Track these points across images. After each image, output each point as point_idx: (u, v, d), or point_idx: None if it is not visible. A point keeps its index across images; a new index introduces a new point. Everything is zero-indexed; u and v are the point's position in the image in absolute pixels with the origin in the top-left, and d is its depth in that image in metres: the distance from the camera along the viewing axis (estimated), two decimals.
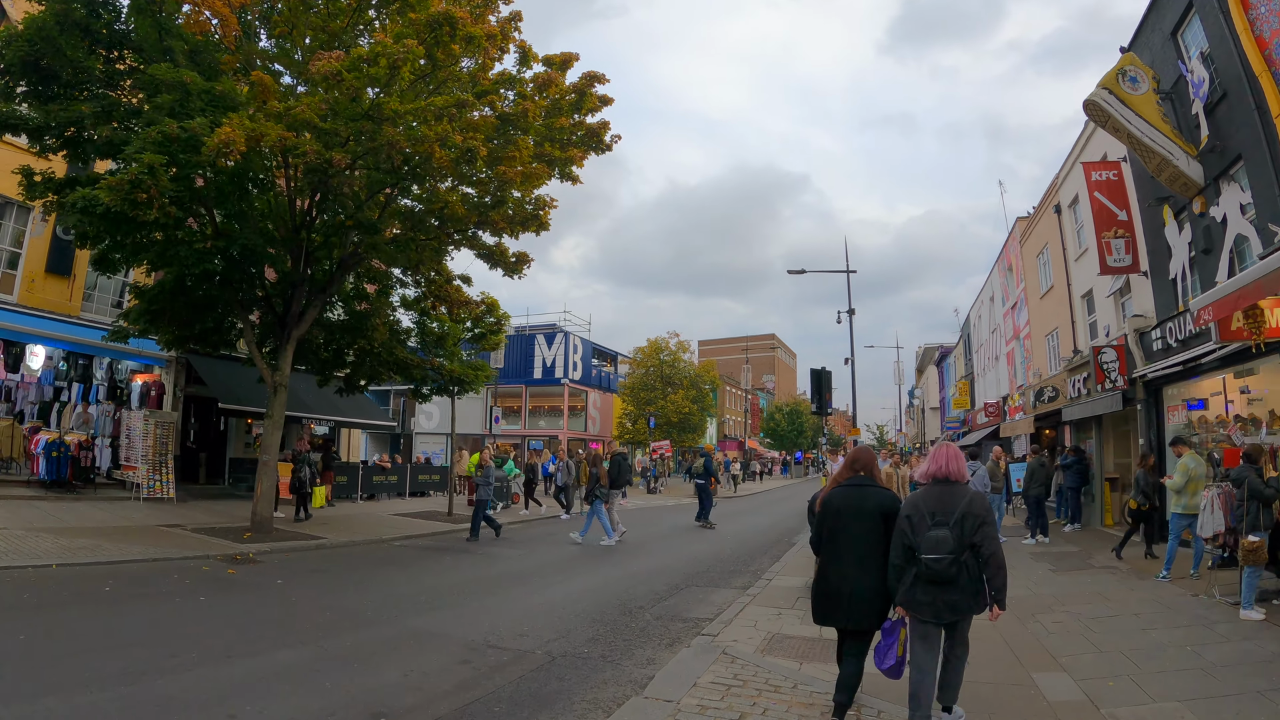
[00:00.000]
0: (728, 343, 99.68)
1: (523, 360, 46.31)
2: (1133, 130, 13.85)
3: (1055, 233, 23.38)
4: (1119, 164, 17.12)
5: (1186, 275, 14.72)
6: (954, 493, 5.13)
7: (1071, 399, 21.07)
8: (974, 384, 40.48)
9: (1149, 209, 15.93)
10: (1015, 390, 29.88)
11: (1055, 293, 24.06)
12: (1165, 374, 14.77)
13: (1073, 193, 21.53)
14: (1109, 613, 9.45)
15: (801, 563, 13.13)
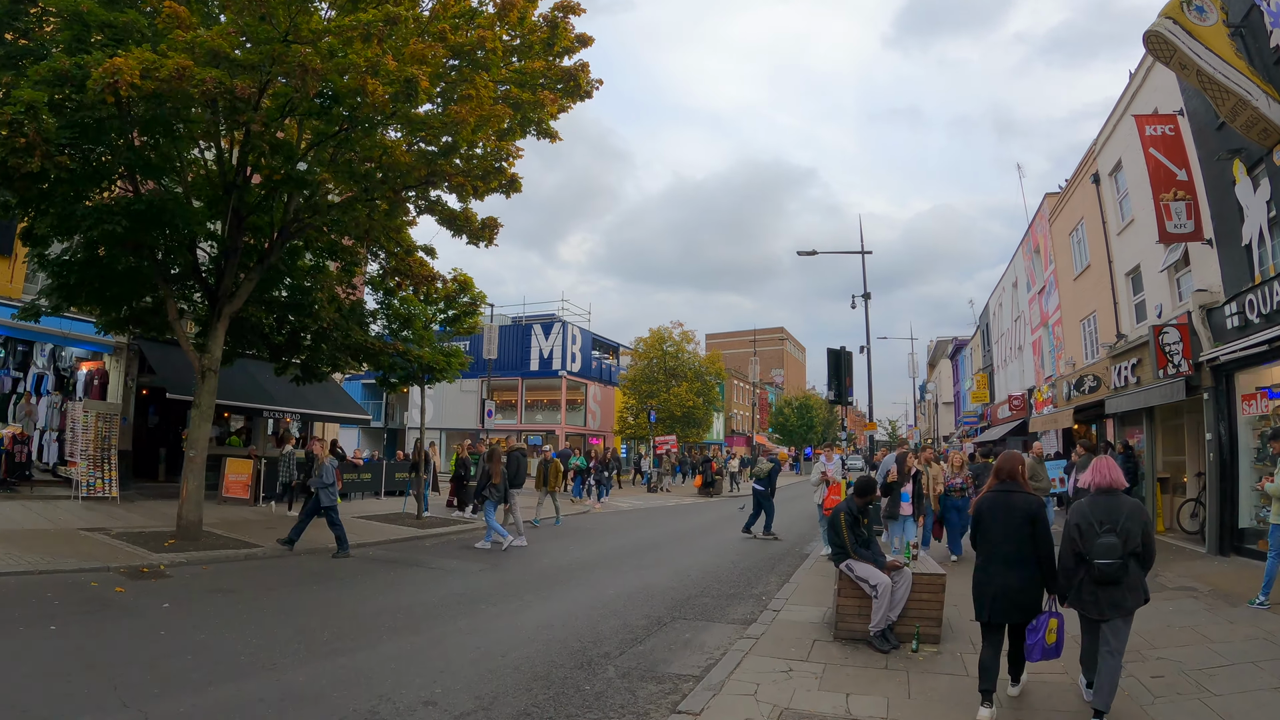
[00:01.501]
0: (735, 336, 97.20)
1: (519, 351, 44.26)
2: (1203, 66, 11.66)
3: (1093, 205, 21.18)
4: (1175, 117, 14.95)
5: (1266, 239, 12.56)
6: (1118, 502, 5.56)
7: (1116, 389, 18.91)
8: (993, 376, 38.27)
9: (1216, 164, 13.76)
10: (1044, 381, 27.69)
11: (1093, 272, 21.85)
12: (1243, 355, 12.57)
13: (1114, 158, 19.36)
14: (1219, 659, 7.31)
15: (817, 585, 11.17)
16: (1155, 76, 16.16)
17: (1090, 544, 5.43)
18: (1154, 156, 14.82)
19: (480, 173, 13.44)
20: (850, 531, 8.11)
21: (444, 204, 15.11)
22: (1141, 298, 18.60)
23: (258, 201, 13.86)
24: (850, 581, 8.10)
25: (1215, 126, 13.71)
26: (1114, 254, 20.08)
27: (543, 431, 43.52)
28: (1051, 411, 25.25)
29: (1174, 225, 14.55)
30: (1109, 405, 19.21)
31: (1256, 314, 12.17)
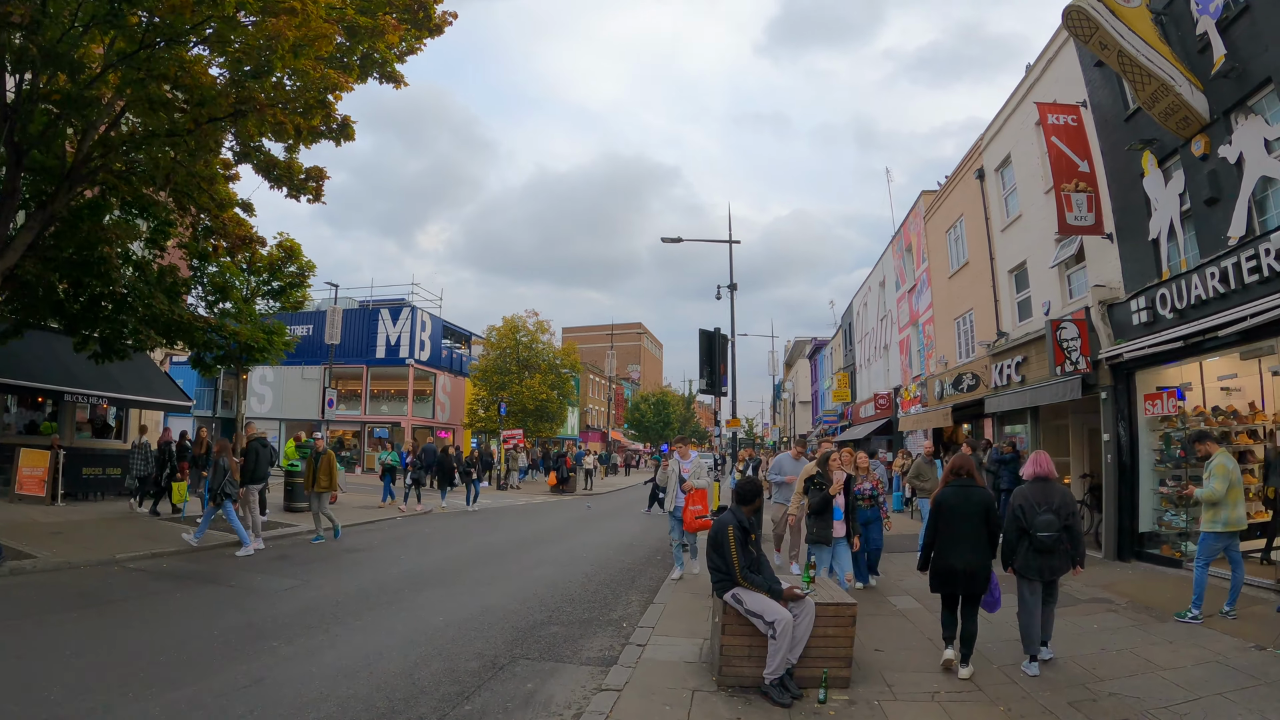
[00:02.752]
0: (592, 330, 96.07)
1: (365, 337, 41.45)
2: (1126, 46, 11.40)
3: (975, 202, 21.22)
4: (1078, 108, 14.76)
5: (1177, 232, 12.41)
6: (1053, 487, 7.24)
7: (997, 387, 18.91)
8: (855, 376, 38.77)
9: (1123, 156, 13.67)
10: (911, 380, 27.87)
11: (972, 269, 21.93)
12: (1153, 353, 12.36)
13: (1003, 153, 19.38)
14: (1181, 693, 6.54)
15: (688, 606, 9.69)
16: (1056, 69, 16.06)
17: (1032, 520, 7.04)
18: (1056, 145, 14.60)
19: (302, 107, 11.60)
20: (740, 551, 6.58)
21: (265, 151, 13.16)
22: (1026, 295, 18.61)
23: (41, 132, 11.46)
24: (738, 616, 6.56)
25: (1123, 118, 13.61)
26: (996, 251, 20.10)
27: (388, 423, 40.95)
28: (921, 411, 25.34)
29: (1074, 217, 14.34)
30: (989, 404, 19.19)
31: (1170, 309, 11.99)
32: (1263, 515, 11.99)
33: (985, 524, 6.98)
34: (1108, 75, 13.88)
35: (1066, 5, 11.85)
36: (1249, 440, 12.38)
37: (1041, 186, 17.05)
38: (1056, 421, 17.56)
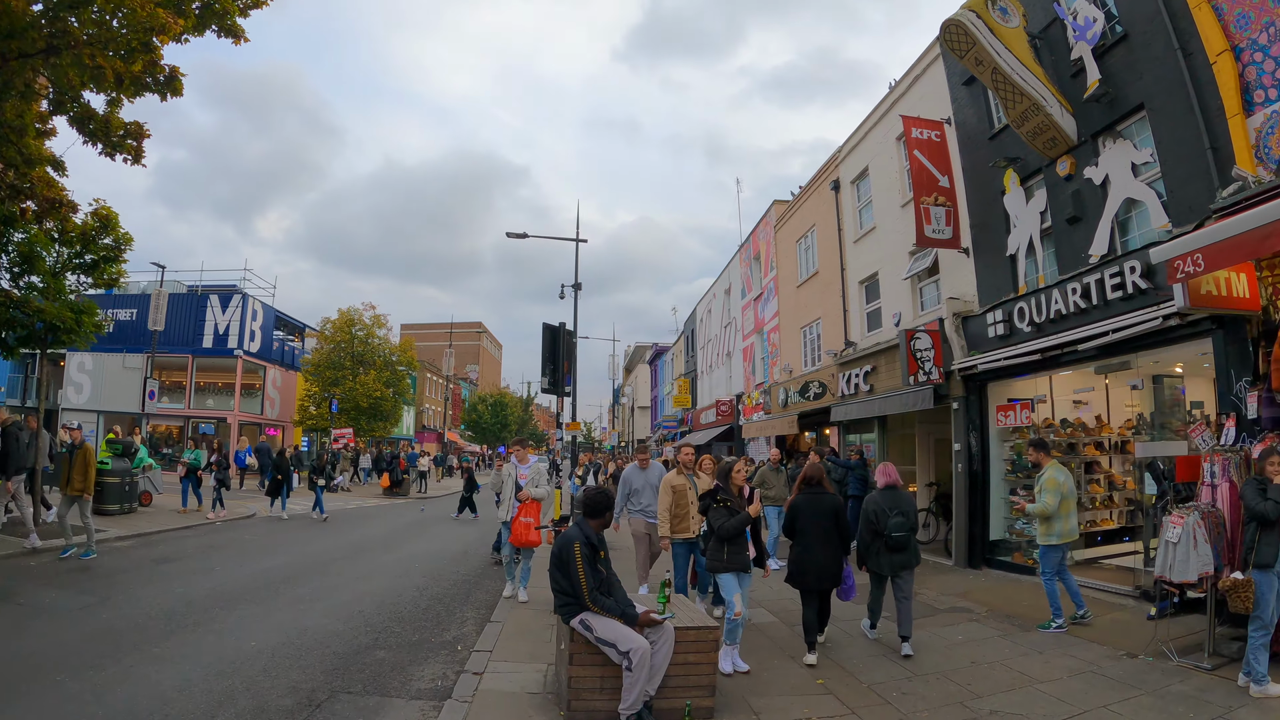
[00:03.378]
0: (431, 328, 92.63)
1: (192, 325, 37.75)
2: (1001, 64, 11.70)
3: (829, 213, 21.60)
4: (942, 124, 15.15)
5: (1036, 249, 12.86)
6: (900, 494, 8.41)
7: (844, 396, 19.20)
8: (696, 382, 39.10)
9: (984, 172, 14.11)
10: (754, 388, 28.19)
11: (821, 279, 22.32)
12: (1007, 365, 12.74)
13: (860, 166, 19.77)
14: (1066, 708, 6.48)
15: (528, 624, 8.93)
16: (921, 85, 16.47)
17: (885, 523, 8.09)
18: (918, 159, 14.91)
19: (123, 49, 10.25)
20: (588, 571, 5.86)
21: (83, 102, 11.63)
22: (877, 305, 19.01)
23: None
24: (588, 644, 5.86)
25: (988, 136, 14.01)
26: (848, 261, 20.49)
27: (214, 418, 37.62)
28: (765, 418, 25.64)
29: (932, 230, 14.67)
30: (836, 412, 19.49)
31: (1028, 323, 12.36)
32: (1109, 523, 12.59)
33: (836, 526, 7.88)
34: (975, 94, 14.30)
35: (946, 19, 12.08)
36: (1095, 451, 12.97)
37: (898, 200, 17.45)
38: (903, 430, 18.00)
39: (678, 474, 9.35)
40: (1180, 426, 11.10)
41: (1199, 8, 9.39)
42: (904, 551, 8.08)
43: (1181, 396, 11.72)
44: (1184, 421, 11.32)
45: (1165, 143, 10.21)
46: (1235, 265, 8.02)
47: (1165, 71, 10.08)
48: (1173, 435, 11.03)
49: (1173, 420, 11.40)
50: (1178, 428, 11.17)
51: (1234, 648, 7.45)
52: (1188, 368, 11.48)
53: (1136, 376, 11.71)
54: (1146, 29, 10.36)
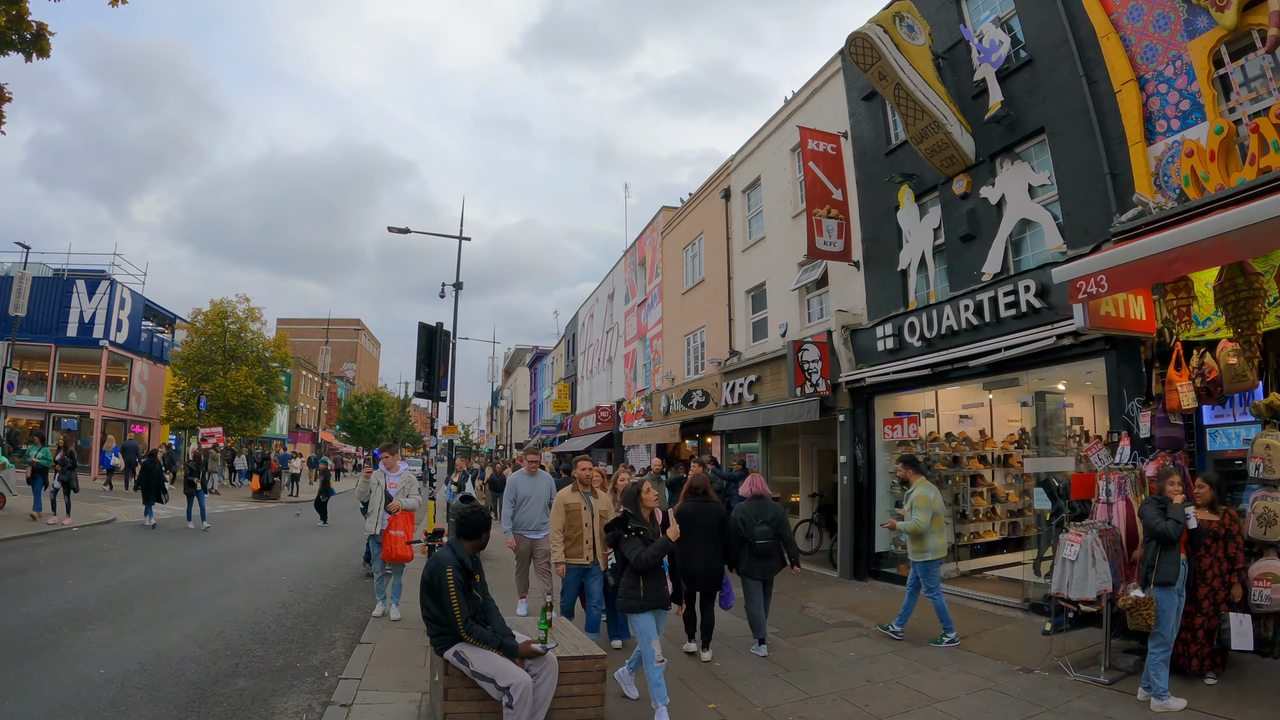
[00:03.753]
0: (308, 323, 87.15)
1: (56, 311, 34.08)
2: (905, 80, 11.74)
3: (718, 222, 21.52)
4: (839, 137, 15.19)
5: (929, 264, 12.99)
6: (766, 504, 8.85)
7: (727, 405, 19.07)
8: (576, 387, 38.58)
9: (879, 187, 14.23)
10: (635, 394, 27.91)
11: (707, 287, 22.22)
12: (900, 379, 12.83)
13: (752, 176, 19.75)
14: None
15: (400, 645, 8.22)
16: (820, 99, 16.52)
17: (751, 530, 8.53)
18: (813, 171, 14.90)
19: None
20: (462, 599, 5.33)
21: None
22: (763, 315, 18.97)
23: None
24: (464, 678, 5.36)
25: (884, 152, 14.14)
26: (736, 270, 20.43)
27: (76, 413, 34.22)
28: (646, 425, 25.36)
29: (824, 242, 14.66)
30: (719, 422, 19.35)
31: (918, 337, 12.45)
32: (992, 534, 12.81)
33: (720, 534, 8.30)
34: (873, 109, 14.41)
35: (853, 32, 12.04)
36: (979, 465, 13.20)
37: (789, 211, 17.46)
38: (786, 441, 17.99)
39: (572, 491, 8.49)
40: (1064, 442, 11.41)
41: (1107, 37, 9.60)
42: (769, 558, 8.61)
43: (1064, 412, 12.03)
44: (1067, 437, 11.67)
45: (1064, 166, 10.42)
46: (1139, 288, 8.17)
47: (1069, 97, 10.29)
48: (1057, 451, 11.26)
49: (1056, 436, 11.66)
50: (1061, 443, 11.48)
51: (1129, 661, 7.56)
52: (1069, 385, 11.79)
53: (1024, 393, 11.95)
54: (1053, 55, 10.58)
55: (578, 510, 8.34)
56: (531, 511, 9.70)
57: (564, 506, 8.34)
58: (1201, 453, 8.38)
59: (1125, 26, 9.50)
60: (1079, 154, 10.12)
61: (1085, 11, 9.92)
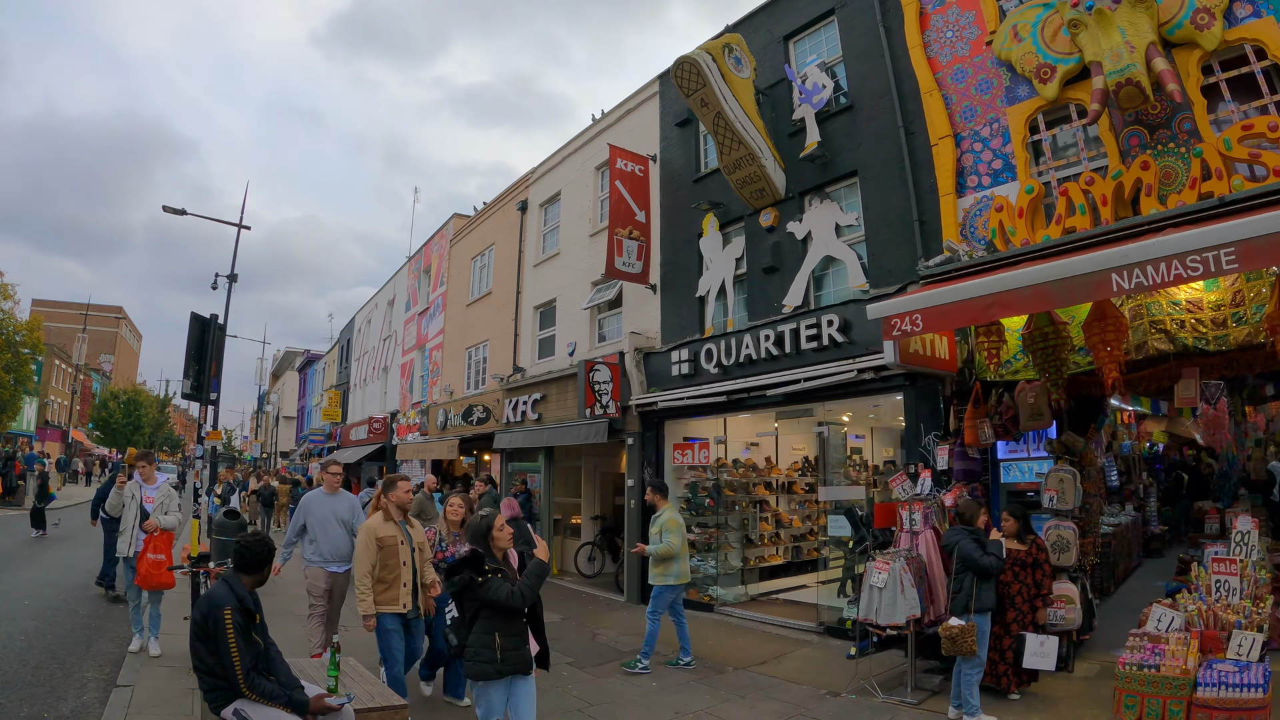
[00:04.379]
0: (64, 307, 74.56)
1: None
2: (727, 110, 11.64)
3: (512, 234, 20.71)
4: (648, 160, 14.90)
5: (727, 294, 12.88)
6: (522, 525, 7.50)
7: (509, 423, 18.25)
8: (348, 395, 36.09)
9: (685, 214, 14.01)
10: (410, 407, 26.41)
11: (494, 300, 21.30)
12: (692, 405, 12.50)
13: (552, 190, 19.11)
14: None
15: (168, 691, 6.80)
16: (632, 120, 16.17)
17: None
18: (619, 190, 14.48)
19: None
20: (242, 646, 4.43)
21: None
22: (551, 333, 18.32)
23: None
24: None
25: (693, 179, 14.00)
26: (525, 285, 19.68)
27: None
28: (422, 439, 23.96)
29: (623, 262, 14.25)
30: (500, 439, 18.46)
31: (715, 364, 12.27)
32: (777, 558, 12.92)
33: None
34: (686, 136, 14.25)
35: (682, 56, 11.80)
36: (765, 491, 13.25)
37: (588, 229, 16.99)
38: (570, 462, 17.38)
39: (385, 520, 6.57)
40: (854, 471, 11.66)
41: (930, 94, 9.89)
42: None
43: (847, 442, 12.30)
44: (851, 466, 11.93)
45: (873, 210, 10.60)
46: (952, 329, 8.36)
47: (885, 145, 10.51)
48: (842, 480, 11.45)
49: (841, 465, 11.89)
50: (845, 472, 11.75)
51: (934, 681, 7.74)
52: (854, 417, 12.05)
53: (815, 423, 12.03)
54: (874, 104, 10.79)
55: (394, 545, 6.44)
56: (334, 540, 7.75)
57: (375, 541, 6.39)
58: (996, 485, 8.80)
59: (949, 86, 9.83)
60: (889, 199, 10.32)
61: (912, 68, 10.20)
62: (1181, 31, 7.59)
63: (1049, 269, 6.41)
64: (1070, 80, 8.39)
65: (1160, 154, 7.70)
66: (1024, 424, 8.25)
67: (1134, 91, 7.43)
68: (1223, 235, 5.41)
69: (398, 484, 6.71)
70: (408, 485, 6.84)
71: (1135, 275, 5.70)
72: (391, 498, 6.63)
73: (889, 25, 10.75)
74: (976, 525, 6.96)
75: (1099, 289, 5.98)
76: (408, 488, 6.82)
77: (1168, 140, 7.79)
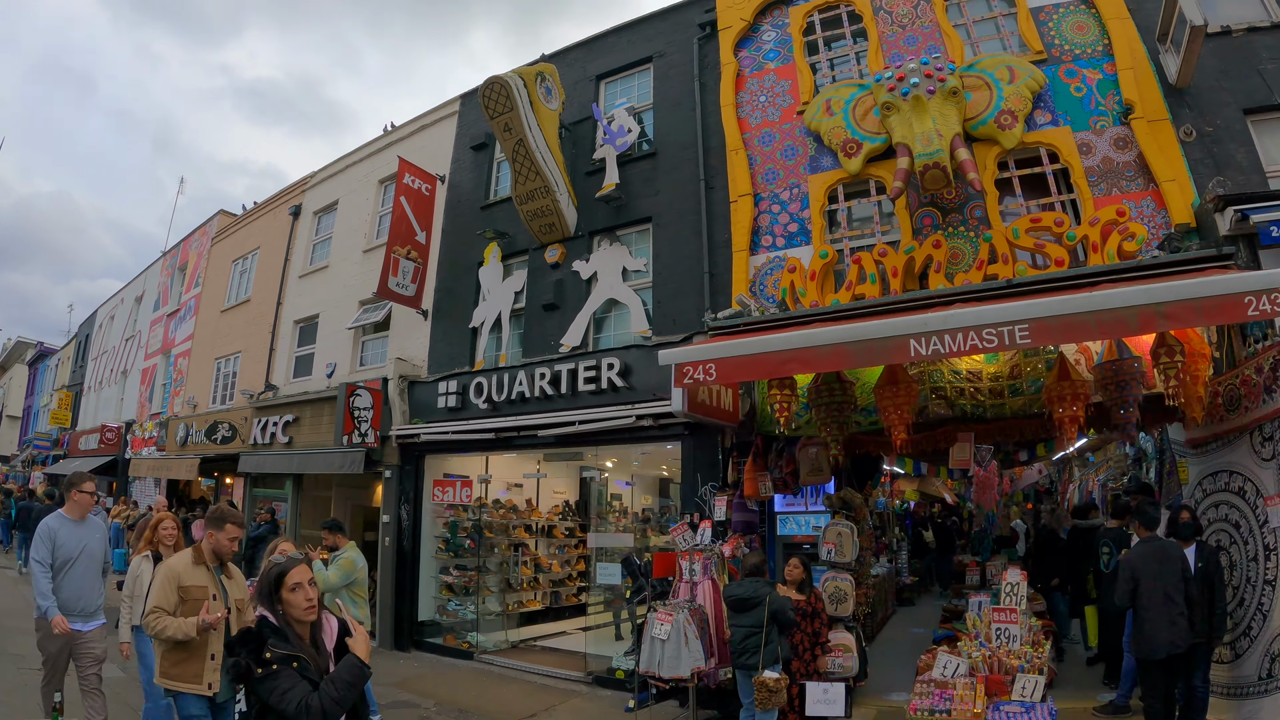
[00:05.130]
0: None
1: None
2: (529, 138, 11.18)
3: (280, 239, 18.93)
4: (436, 180, 13.99)
5: (502, 328, 12.23)
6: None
7: (257, 444, 16.46)
8: (80, 398, 31.66)
9: (472, 239, 13.22)
10: (148, 417, 23.50)
11: (252, 309, 19.34)
12: (459, 440, 11.65)
13: (330, 198, 17.65)
14: None
15: None
16: (425, 137, 15.20)
17: None
18: (403, 207, 13.47)
19: None
20: None
21: None
22: (310, 350, 16.75)
23: None
24: None
25: (480, 206, 13.39)
26: (288, 296, 17.98)
27: None
28: (159, 455, 21.23)
29: (397, 283, 13.23)
30: (246, 462, 16.57)
31: (485, 399, 11.51)
32: (535, 604, 12.36)
33: None
34: (480, 161, 13.56)
35: (493, 76, 11.24)
36: (525, 534, 12.60)
37: (362, 244, 15.76)
38: (320, 492, 15.83)
39: (195, 563, 4.90)
40: (617, 517, 11.33)
41: (736, 152, 9.97)
42: None
43: (608, 488, 12.03)
44: (616, 512, 11.61)
45: (664, 257, 10.41)
46: (746, 380, 8.29)
47: (684, 196, 10.43)
48: (607, 526, 11.14)
49: (607, 510, 11.59)
50: (613, 518, 11.75)
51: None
52: (618, 464, 11.73)
53: (580, 466, 11.66)
54: (678, 154, 10.71)
55: (201, 598, 4.77)
56: (79, 583, 5.73)
57: (177, 589, 4.74)
58: (772, 537, 8.93)
59: (755, 147, 9.98)
60: (681, 249, 10.18)
61: (722, 124, 10.26)
62: (985, 128, 8.25)
63: (850, 330, 6.44)
64: (874, 158, 8.76)
65: (951, 235, 8.23)
66: (804, 479, 8.46)
67: (939, 175, 7.86)
68: (1019, 313, 5.70)
69: (227, 523, 4.99)
70: (237, 532, 5.11)
71: (933, 342, 5.85)
72: (212, 539, 4.94)
73: (704, 81, 10.80)
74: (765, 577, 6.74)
75: (897, 353, 6.10)
76: (236, 534, 5.09)
77: (958, 224, 8.35)
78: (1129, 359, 6.67)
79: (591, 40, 12.76)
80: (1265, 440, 6.26)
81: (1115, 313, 5.46)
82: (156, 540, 6.16)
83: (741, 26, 10.64)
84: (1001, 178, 8.46)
